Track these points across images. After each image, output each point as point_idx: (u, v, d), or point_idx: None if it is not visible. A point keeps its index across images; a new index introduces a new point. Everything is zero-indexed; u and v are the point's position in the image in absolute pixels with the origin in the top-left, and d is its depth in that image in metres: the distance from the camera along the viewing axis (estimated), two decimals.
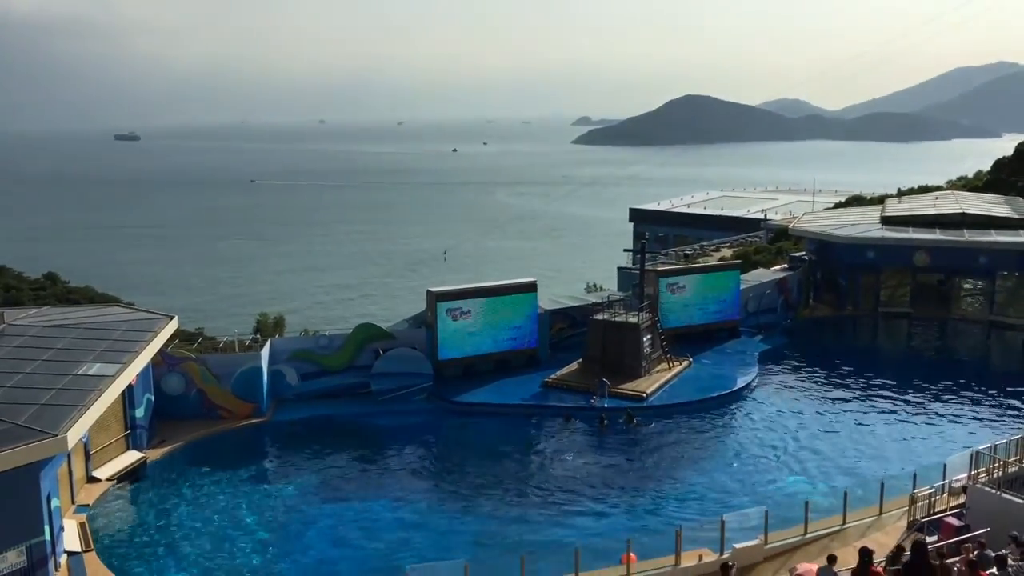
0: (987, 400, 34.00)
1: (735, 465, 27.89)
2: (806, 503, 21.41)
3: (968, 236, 45.96)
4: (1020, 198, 56.00)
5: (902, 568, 15.31)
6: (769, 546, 20.45)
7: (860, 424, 31.57)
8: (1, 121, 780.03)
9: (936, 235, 46.64)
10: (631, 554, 19.45)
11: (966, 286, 48.39)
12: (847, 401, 34.08)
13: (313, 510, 24.88)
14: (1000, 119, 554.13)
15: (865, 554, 15.16)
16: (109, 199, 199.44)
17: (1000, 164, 73.14)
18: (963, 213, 49.30)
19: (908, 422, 31.86)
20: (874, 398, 34.42)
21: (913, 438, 30.31)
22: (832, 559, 16.22)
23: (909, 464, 25.49)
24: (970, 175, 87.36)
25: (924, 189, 72.24)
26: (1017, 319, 44.50)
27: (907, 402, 33.92)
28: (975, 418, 32.16)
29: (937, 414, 32.68)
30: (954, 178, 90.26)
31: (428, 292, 36.03)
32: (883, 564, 16.33)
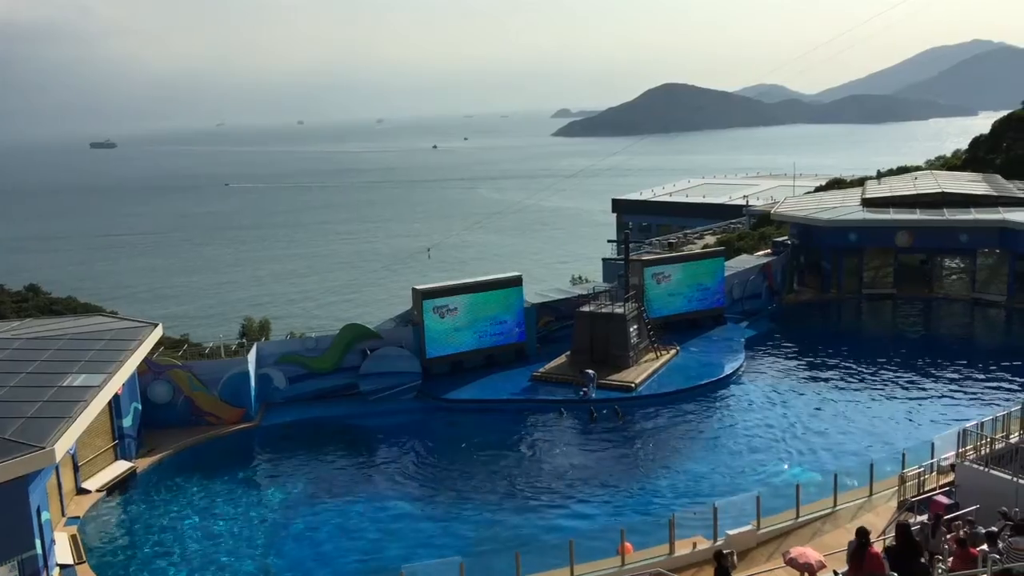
0: (972, 377, 34.22)
1: (726, 452, 27.96)
2: (797, 487, 21.44)
3: (948, 215, 46.24)
4: (998, 175, 56.39)
5: (888, 552, 15.28)
6: (762, 531, 20.52)
7: (848, 406, 31.69)
8: None
9: (917, 215, 46.88)
10: (627, 543, 19.51)
11: (948, 265, 48.65)
12: (834, 383, 34.26)
13: (306, 513, 24.76)
14: (976, 97, 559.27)
15: (863, 534, 15.00)
16: (87, 209, 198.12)
17: (977, 142, 73.70)
18: (943, 192, 49.54)
19: (895, 402, 32.03)
20: (861, 379, 34.61)
21: (901, 418, 30.48)
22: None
23: (898, 444, 25.66)
24: (948, 154, 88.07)
25: (903, 170, 72.63)
26: (998, 296, 44.86)
27: (893, 382, 34.12)
28: (961, 396, 32.36)
29: (923, 393, 32.87)
30: (932, 158, 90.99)
31: (414, 290, 35.95)
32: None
